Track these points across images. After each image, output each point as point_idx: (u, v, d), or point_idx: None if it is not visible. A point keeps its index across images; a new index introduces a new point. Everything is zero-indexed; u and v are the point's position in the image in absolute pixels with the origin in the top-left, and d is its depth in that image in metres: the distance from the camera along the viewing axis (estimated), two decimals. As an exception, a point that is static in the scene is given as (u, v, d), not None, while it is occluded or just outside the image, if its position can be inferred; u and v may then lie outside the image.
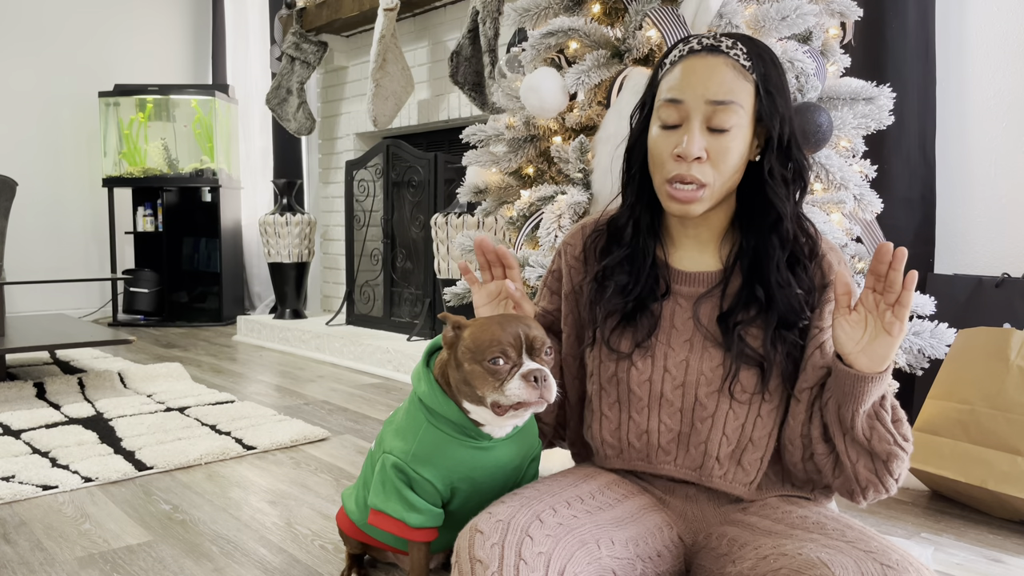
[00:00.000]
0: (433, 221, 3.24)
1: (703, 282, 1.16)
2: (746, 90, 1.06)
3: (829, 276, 1.12)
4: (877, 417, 1.04)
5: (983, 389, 1.74)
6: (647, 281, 1.15)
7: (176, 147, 5.08)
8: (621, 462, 1.20)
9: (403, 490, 1.17)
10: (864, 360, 1.01)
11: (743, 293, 1.11)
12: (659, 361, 1.14)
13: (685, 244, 1.18)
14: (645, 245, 1.16)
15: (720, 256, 1.16)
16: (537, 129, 1.93)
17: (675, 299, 1.16)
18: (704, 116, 1.05)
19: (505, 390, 1.07)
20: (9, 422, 2.47)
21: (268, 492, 1.90)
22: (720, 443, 1.12)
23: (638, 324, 1.15)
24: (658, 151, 1.09)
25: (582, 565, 0.98)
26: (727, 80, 1.05)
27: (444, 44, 3.85)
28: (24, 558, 1.53)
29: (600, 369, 1.19)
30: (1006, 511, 1.69)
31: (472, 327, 1.12)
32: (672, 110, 1.07)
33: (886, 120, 1.77)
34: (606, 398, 1.19)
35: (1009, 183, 2.20)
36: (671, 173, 1.07)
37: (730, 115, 1.04)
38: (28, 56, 5.03)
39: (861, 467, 1.07)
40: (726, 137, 1.05)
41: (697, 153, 1.04)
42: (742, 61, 1.06)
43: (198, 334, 4.65)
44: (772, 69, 1.08)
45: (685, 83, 1.06)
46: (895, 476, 1.07)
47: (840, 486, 1.11)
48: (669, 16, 1.66)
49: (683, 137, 1.05)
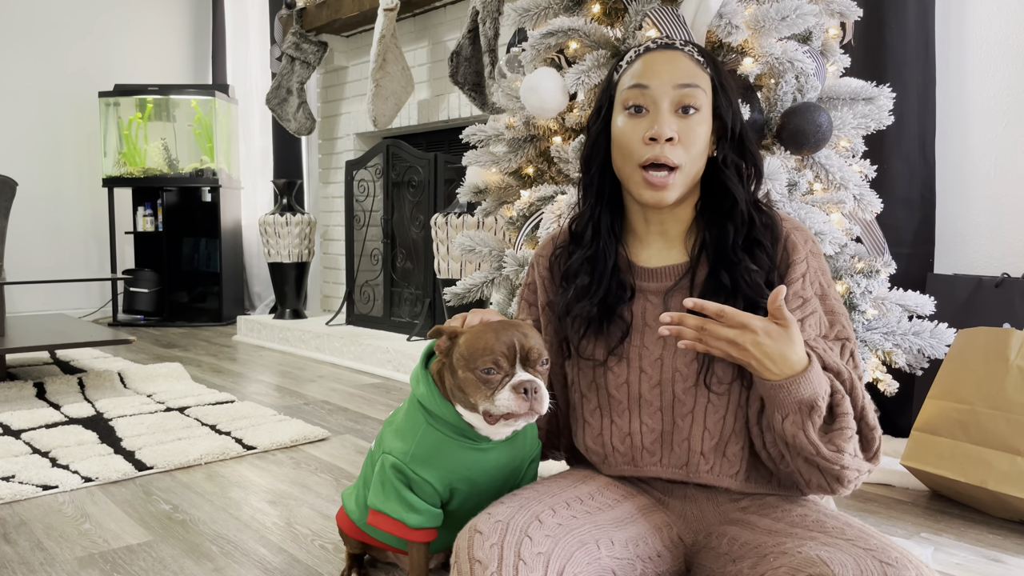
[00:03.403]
0: (433, 221, 3.24)
1: (670, 275, 1.16)
2: (705, 80, 1.12)
3: (793, 255, 1.13)
4: (802, 427, 1.01)
5: (983, 389, 1.74)
6: (611, 285, 1.16)
7: (176, 147, 5.09)
8: (608, 468, 1.19)
9: (402, 491, 1.18)
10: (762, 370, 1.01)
11: (710, 282, 1.12)
12: (634, 362, 1.15)
13: (651, 241, 1.19)
14: (606, 246, 1.18)
15: (686, 249, 1.18)
16: (537, 129, 1.93)
17: (644, 297, 1.17)
18: (672, 100, 1.10)
19: (495, 400, 1.07)
20: (9, 422, 2.48)
21: (268, 492, 1.90)
22: (703, 438, 1.12)
23: (608, 330, 1.16)
24: (626, 139, 1.12)
25: (581, 565, 0.98)
26: (689, 68, 1.11)
27: (444, 44, 3.85)
28: (24, 558, 1.53)
29: (579, 376, 1.20)
30: (1006, 511, 1.69)
31: (468, 334, 1.12)
32: (638, 95, 1.11)
33: (886, 120, 1.76)
34: (587, 405, 1.20)
35: (1009, 183, 2.20)
36: (644, 157, 1.10)
37: (697, 97, 1.10)
38: (28, 56, 5.03)
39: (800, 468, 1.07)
40: (694, 119, 1.10)
41: (669, 133, 1.08)
42: (696, 56, 1.13)
43: (198, 334, 4.65)
44: (723, 70, 1.15)
45: (650, 71, 1.11)
46: (844, 482, 1.04)
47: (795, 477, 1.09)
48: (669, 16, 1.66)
49: (653, 121, 1.09)
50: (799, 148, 1.65)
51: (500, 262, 1.91)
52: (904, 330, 1.69)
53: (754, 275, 1.10)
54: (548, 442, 1.31)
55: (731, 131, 1.13)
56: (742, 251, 1.11)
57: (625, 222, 1.21)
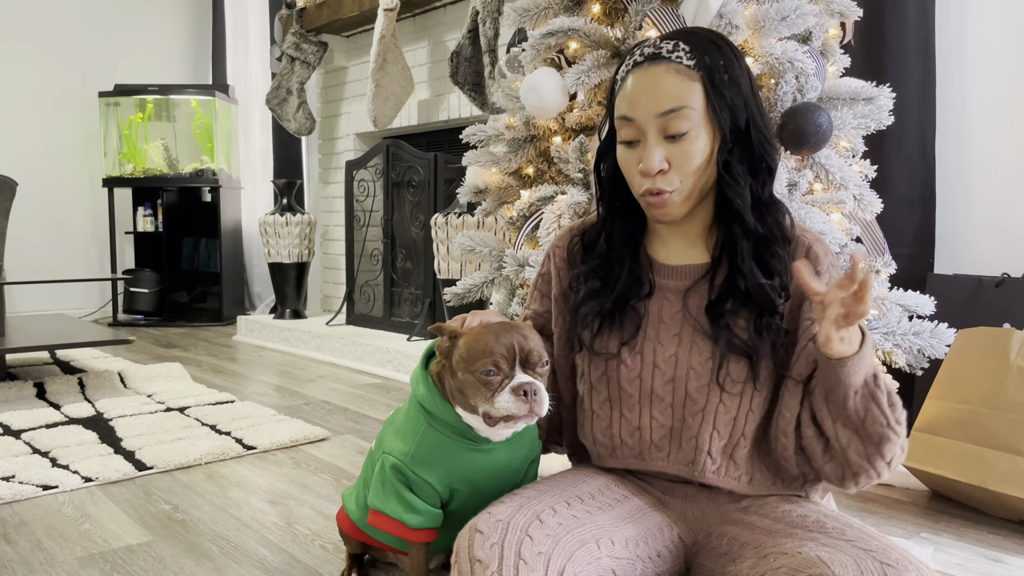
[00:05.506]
0: (433, 221, 3.24)
1: (690, 275, 1.16)
2: (693, 90, 1.06)
3: (817, 267, 1.13)
4: (872, 398, 1.02)
5: (983, 389, 1.74)
6: (628, 282, 1.16)
7: (176, 147, 5.09)
8: (615, 461, 1.20)
9: (402, 491, 1.18)
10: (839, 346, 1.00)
11: (727, 284, 1.12)
12: (648, 357, 1.15)
13: (672, 240, 1.19)
14: (620, 255, 1.18)
15: (707, 247, 1.17)
16: (537, 129, 1.93)
17: (662, 294, 1.17)
18: (657, 128, 1.07)
19: (495, 402, 1.07)
20: (9, 422, 2.48)
21: (268, 492, 1.90)
22: (711, 437, 1.12)
23: (623, 323, 1.16)
24: (625, 168, 1.13)
25: (582, 565, 0.98)
26: (672, 88, 1.06)
27: (444, 44, 3.85)
28: (24, 558, 1.53)
29: (590, 368, 1.20)
30: (1006, 511, 1.69)
31: (467, 336, 1.12)
32: (627, 128, 1.10)
33: (886, 120, 1.77)
34: (597, 397, 1.20)
35: (1009, 183, 2.20)
36: (641, 188, 1.11)
37: (683, 120, 1.06)
38: (28, 56, 5.03)
39: (852, 452, 1.05)
40: (684, 141, 1.07)
41: (657, 167, 1.07)
42: (685, 62, 1.06)
43: (198, 334, 4.65)
44: (719, 61, 1.07)
45: (633, 100, 1.08)
46: (887, 460, 1.05)
47: (831, 471, 1.09)
48: (669, 16, 1.66)
49: (643, 153, 1.08)
50: (799, 148, 1.65)
51: (500, 262, 1.91)
52: (904, 330, 1.70)
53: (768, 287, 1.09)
54: (550, 437, 1.31)
55: (731, 131, 1.09)
56: (751, 257, 1.11)
57: (646, 220, 1.21)
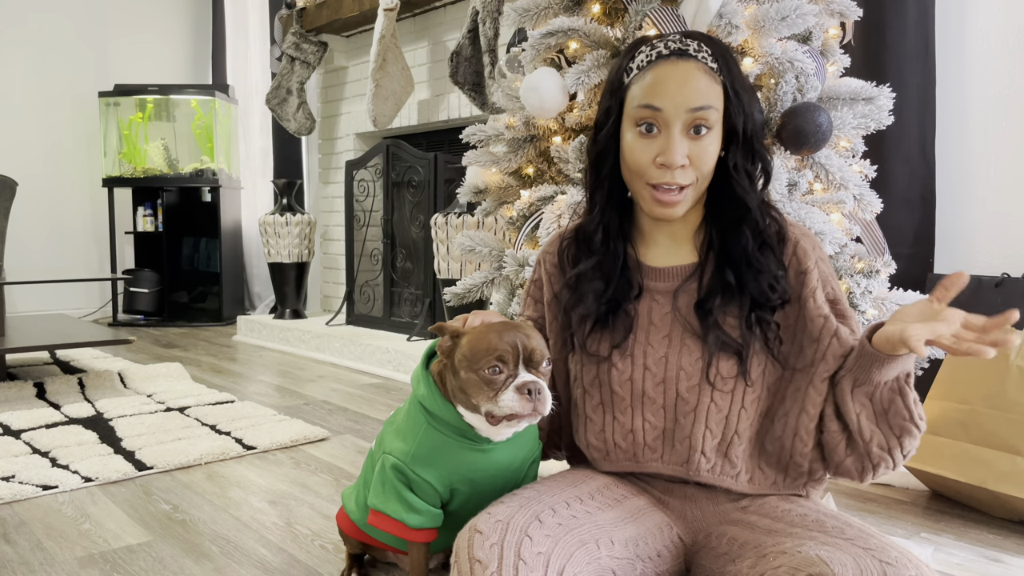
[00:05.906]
0: (433, 221, 3.24)
1: (678, 275, 1.17)
2: (717, 92, 1.08)
3: (805, 263, 1.14)
4: (900, 392, 1.06)
5: (983, 389, 1.74)
6: (619, 283, 1.16)
7: (176, 147, 5.09)
8: (609, 464, 1.20)
9: (402, 491, 1.18)
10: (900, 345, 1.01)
11: (716, 281, 1.13)
12: (639, 359, 1.15)
13: (660, 241, 1.19)
14: (615, 249, 1.18)
15: (695, 247, 1.18)
16: (537, 129, 1.93)
17: (651, 296, 1.17)
18: (685, 123, 1.07)
19: (499, 401, 1.07)
20: (9, 422, 2.48)
21: (268, 492, 1.90)
22: (704, 437, 1.12)
23: (614, 326, 1.16)
24: (636, 157, 1.10)
25: (581, 565, 0.98)
26: (702, 87, 1.07)
27: (444, 44, 3.85)
28: (24, 558, 1.53)
29: (582, 372, 1.20)
30: (1006, 511, 1.69)
31: (470, 335, 1.12)
32: (650, 115, 1.08)
33: (886, 120, 1.76)
34: (589, 401, 1.20)
35: (1009, 183, 2.20)
36: (654, 179, 1.09)
37: (710, 116, 1.07)
38: (28, 56, 5.03)
39: (874, 445, 1.08)
40: (706, 138, 1.08)
41: (681, 161, 1.07)
42: (710, 64, 1.08)
43: (198, 334, 4.65)
44: (736, 68, 1.11)
45: (662, 90, 1.07)
46: (905, 452, 1.08)
47: (852, 464, 1.11)
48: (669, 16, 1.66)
49: (664, 145, 1.07)
50: (799, 148, 1.65)
51: (500, 262, 1.91)
52: (904, 330, 1.69)
53: (772, 281, 1.11)
54: (550, 441, 1.31)
55: (742, 134, 1.11)
56: (757, 256, 1.12)
57: (633, 221, 1.21)
